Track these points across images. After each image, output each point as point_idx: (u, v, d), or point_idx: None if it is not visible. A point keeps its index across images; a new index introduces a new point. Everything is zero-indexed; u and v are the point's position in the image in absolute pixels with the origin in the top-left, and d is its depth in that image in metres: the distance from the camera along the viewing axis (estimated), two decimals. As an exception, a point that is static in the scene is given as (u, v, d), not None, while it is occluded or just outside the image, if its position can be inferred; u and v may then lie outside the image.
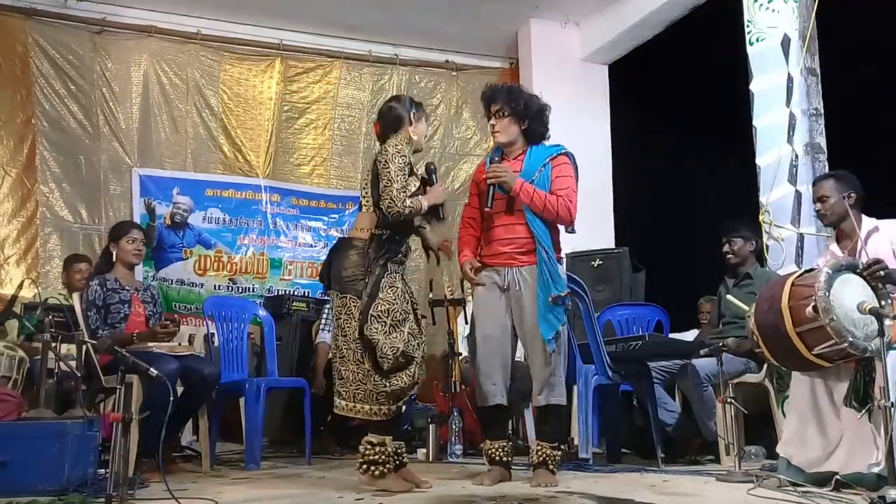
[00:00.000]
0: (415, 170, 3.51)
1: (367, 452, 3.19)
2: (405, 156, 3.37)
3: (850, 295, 2.99)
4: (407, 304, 3.35)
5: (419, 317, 3.46)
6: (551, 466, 3.43)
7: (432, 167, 3.62)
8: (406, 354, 3.24)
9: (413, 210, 3.32)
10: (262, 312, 5.19)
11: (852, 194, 3.50)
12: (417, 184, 3.43)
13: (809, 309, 2.95)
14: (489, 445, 3.54)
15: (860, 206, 3.52)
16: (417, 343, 3.32)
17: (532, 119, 3.62)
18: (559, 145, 3.70)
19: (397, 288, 3.31)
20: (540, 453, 3.44)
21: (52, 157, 6.11)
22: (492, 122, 3.62)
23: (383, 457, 3.19)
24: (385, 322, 3.22)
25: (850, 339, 2.92)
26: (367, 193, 3.41)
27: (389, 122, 3.48)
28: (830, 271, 3.00)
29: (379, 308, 3.22)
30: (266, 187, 6.60)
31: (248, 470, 4.14)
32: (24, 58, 6.10)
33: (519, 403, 5.57)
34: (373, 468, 3.17)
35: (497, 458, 3.49)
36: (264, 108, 6.75)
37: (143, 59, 6.46)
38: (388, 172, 3.28)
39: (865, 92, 5.63)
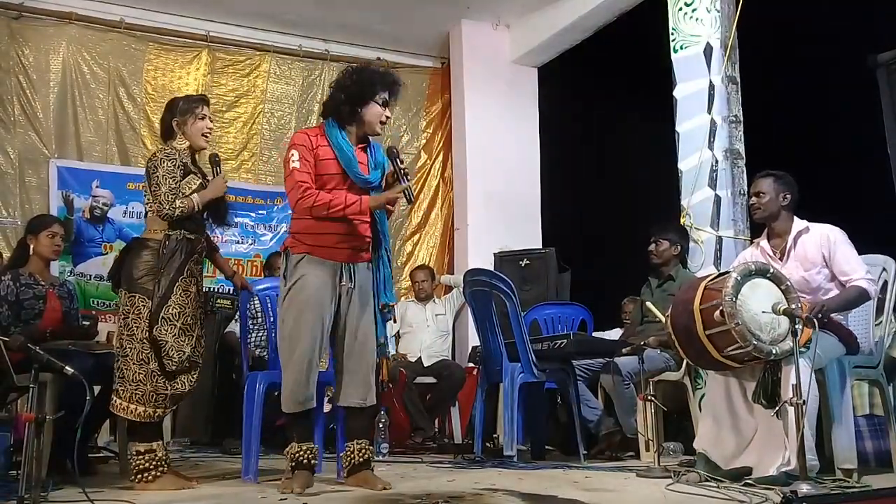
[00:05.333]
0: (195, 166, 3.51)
1: (137, 462, 3.23)
2: (174, 159, 3.39)
3: (759, 299, 3.11)
4: (198, 309, 3.41)
5: (202, 323, 3.50)
6: (373, 466, 3.33)
7: (216, 158, 3.60)
8: (191, 360, 3.33)
9: (185, 209, 3.34)
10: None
11: (788, 195, 3.60)
12: (198, 181, 3.44)
13: (717, 313, 3.07)
14: (297, 449, 3.19)
15: (793, 209, 3.63)
16: (202, 350, 3.42)
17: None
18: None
19: (190, 292, 3.37)
20: (363, 452, 3.27)
21: (-37, 146, 5.87)
22: (387, 112, 3.34)
23: (154, 462, 3.24)
24: (175, 325, 3.29)
25: (755, 343, 3.04)
26: (148, 198, 3.46)
27: (163, 132, 3.57)
28: (739, 277, 3.11)
29: (170, 311, 3.29)
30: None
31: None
32: (-65, 42, 5.85)
33: (448, 402, 5.63)
34: (144, 475, 3.22)
35: (305, 461, 3.20)
36: (190, 101, 6.60)
37: (63, 46, 6.25)
38: (157, 177, 3.35)
39: (782, 99, 5.85)
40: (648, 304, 4.32)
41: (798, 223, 3.60)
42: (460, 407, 5.64)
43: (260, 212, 6.77)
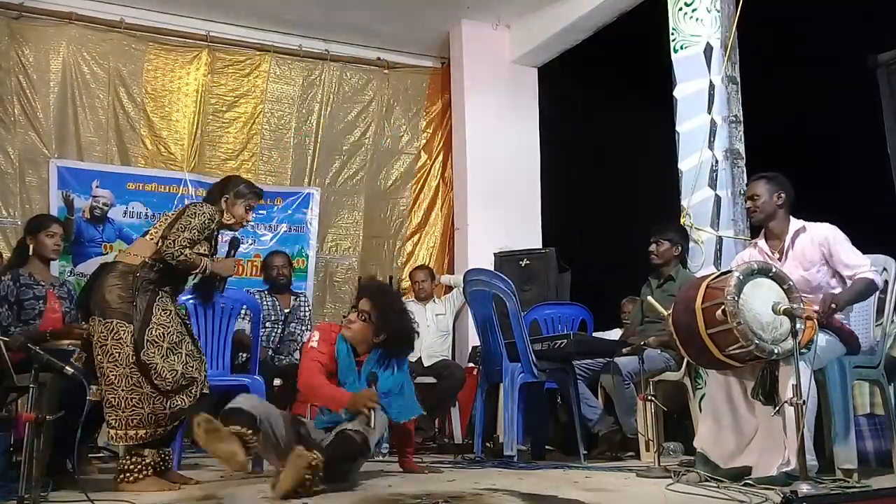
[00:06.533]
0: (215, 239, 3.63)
1: (122, 462, 3.25)
2: (213, 219, 3.48)
3: (760, 299, 3.11)
4: (180, 325, 3.40)
5: (194, 337, 3.51)
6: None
7: (237, 243, 3.79)
8: (186, 376, 3.29)
9: (187, 259, 3.36)
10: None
11: (782, 195, 3.61)
12: (203, 249, 3.49)
13: (719, 312, 3.06)
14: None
15: (789, 208, 3.63)
16: (196, 364, 3.38)
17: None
18: None
19: (170, 310, 3.37)
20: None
21: (-37, 146, 5.86)
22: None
23: (139, 466, 3.24)
24: (161, 346, 3.27)
25: (757, 342, 3.03)
26: (161, 225, 3.46)
27: (210, 192, 3.69)
28: (741, 276, 3.11)
29: (153, 332, 3.27)
30: (190, 181, 6.43)
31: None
32: (-65, 42, 5.85)
33: (448, 402, 5.62)
34: (126, 475, 3.22)
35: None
36: (189, 101, 6.61)
37: (63, 46, 6.25)
38: (189, 221, 3.40)
39: (782, 99, 5.85)
40: (650, 299, 4.31)
41: (795, 223, 3.61)
42: (460, 407, 5.63)
43: (260, 212, 6.74)
